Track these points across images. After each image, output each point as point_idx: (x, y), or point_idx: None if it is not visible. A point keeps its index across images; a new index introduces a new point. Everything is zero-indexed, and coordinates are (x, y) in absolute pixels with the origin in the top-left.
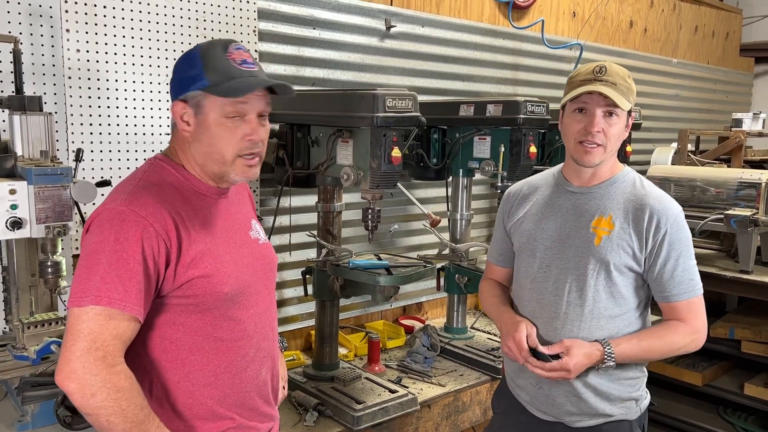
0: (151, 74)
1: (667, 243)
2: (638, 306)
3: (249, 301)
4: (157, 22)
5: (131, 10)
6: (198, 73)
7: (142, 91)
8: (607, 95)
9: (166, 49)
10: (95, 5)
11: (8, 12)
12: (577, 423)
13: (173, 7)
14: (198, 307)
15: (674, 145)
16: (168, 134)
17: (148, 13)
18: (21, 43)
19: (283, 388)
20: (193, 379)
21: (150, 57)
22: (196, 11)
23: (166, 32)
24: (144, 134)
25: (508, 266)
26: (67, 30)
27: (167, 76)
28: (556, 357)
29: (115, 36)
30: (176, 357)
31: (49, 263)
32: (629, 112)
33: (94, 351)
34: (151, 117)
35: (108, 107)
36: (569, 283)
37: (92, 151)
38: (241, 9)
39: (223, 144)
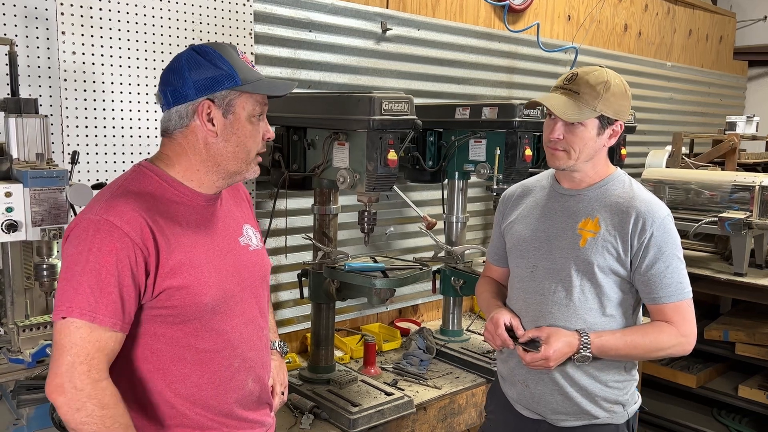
0: (146, 77)
1: (654, 245)
2: (626, 308)
3: (233, 311)
4: (153, 25)
5: (127, 13)
6: (229, 72)
7: (138, 93)
8: (549, 107)
9: (162, 52)
10: (91, 8)
11: (4, 14)
12: (562, 422)
13: (169, 10)
14: (177, 318)
15: (668, 148)
16: None
17: (144, 15)
18: (17, 46)
19: (282, 393)
20: (175, 390)
21: (146, 60)
22: (192, 14)
23: (161, 35)
24: (140, 137)
25: (505, 266)
26: (63, 32)
27: None
28: (534, 345)
29: (110, 38)
30: (158, 367)
31: (44, 266)
32: (606, 119)
33: (79, 365)
34: (147, 119)
35: (104, 110)
36: (555, 284)
37: (88, 154)
38: (237, 12)
39: (251, 142)
